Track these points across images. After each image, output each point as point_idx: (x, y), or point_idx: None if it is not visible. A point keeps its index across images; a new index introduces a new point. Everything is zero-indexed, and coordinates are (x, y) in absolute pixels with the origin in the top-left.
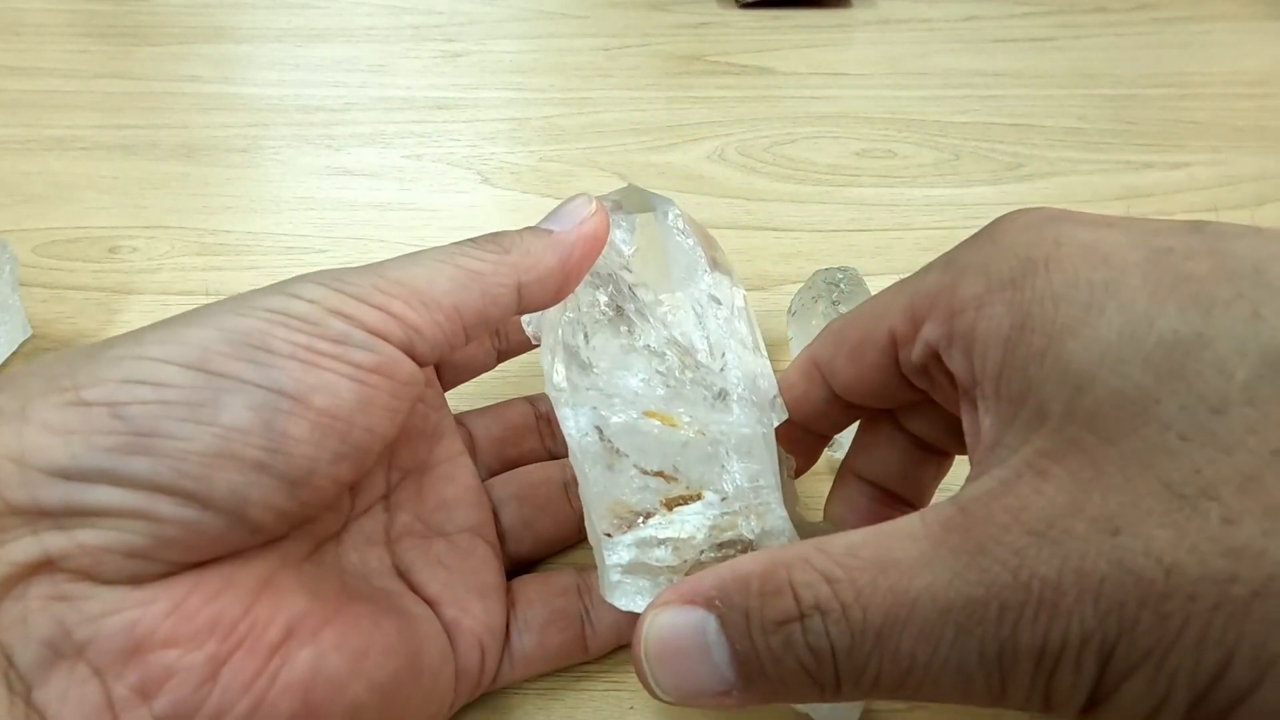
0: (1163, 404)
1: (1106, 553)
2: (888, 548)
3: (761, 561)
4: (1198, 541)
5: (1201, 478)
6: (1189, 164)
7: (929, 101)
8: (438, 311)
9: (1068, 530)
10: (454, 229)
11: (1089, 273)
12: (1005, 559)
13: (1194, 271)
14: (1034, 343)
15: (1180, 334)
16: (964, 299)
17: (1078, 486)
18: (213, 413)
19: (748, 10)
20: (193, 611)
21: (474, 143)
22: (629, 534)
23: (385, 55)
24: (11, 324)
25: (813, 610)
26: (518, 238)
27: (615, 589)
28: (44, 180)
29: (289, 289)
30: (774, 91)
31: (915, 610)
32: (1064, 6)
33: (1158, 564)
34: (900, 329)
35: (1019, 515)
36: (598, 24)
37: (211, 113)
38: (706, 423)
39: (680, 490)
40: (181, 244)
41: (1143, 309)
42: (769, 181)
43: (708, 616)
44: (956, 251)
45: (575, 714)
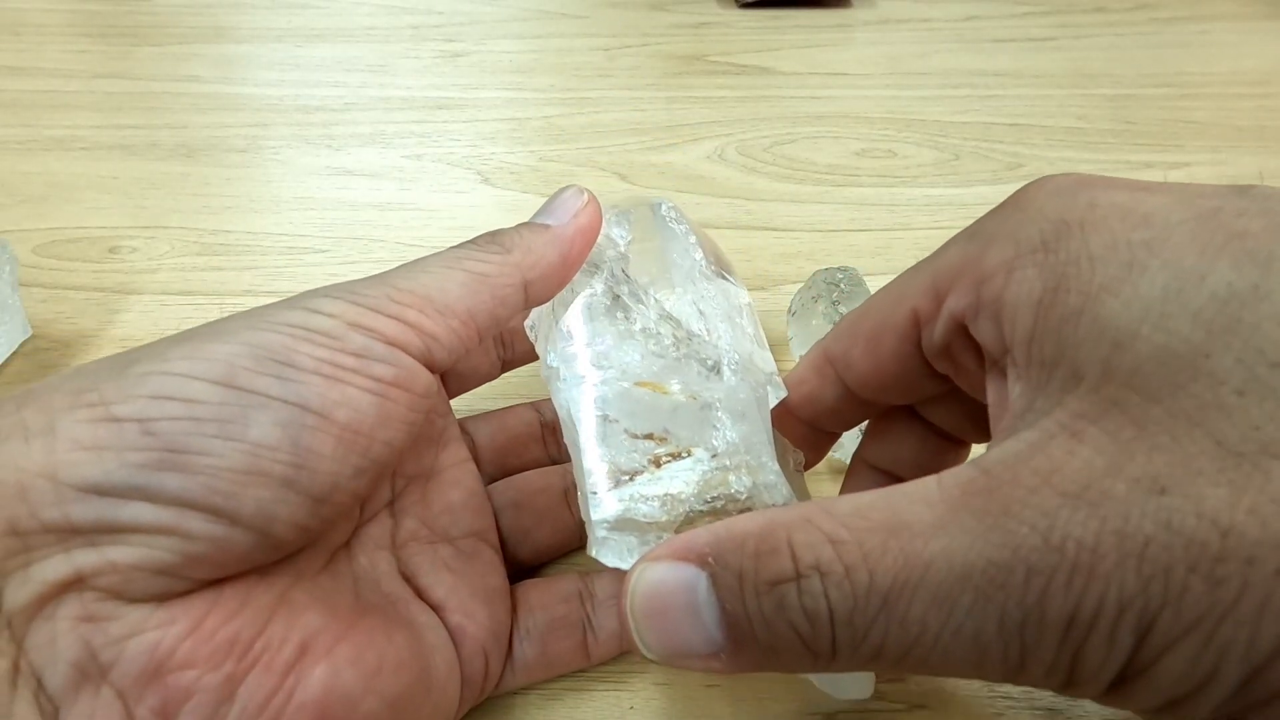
0: (1215, 359)
1: (1152, 513)
2: (900, 509)
3: (760, 521)
4: (1258, 501)
5: (1262, 434)
6: (1189, 164)
7: (929, 101)
8: (452, 317)
9: (1106, 492)
10: (454, 229)
11: (1129, 233)
12: (1035, 521)
13: (1247, 228)
14: (1069, 302)
15: (1235, 287)
16: (992, 265)
17: (1118, 447)
18: (242, 429)
19: (748, 10)
20: (211, 632)
21: (474, 143)
22: (615, 490)
23: (385, 55)
24: (11, 324)
25: (811, 570)
26: (517, 236)
27: (602, 545)
28: (44, 180)
29: (306, 304)
30: (774, 91)
31: (929, 574)
32: (1064, 6)
33: (1212, 525)
34: (923, 307)
35: (1050, 478)
36: (598, 24)
37: (211, 113)
38: (699, 390)
39: (668, 449)
40: (181, 244)
41: (1191, 265)
42: (769, 181)
43: (699, 574)
44: (980, 223)
45: (575, 714)
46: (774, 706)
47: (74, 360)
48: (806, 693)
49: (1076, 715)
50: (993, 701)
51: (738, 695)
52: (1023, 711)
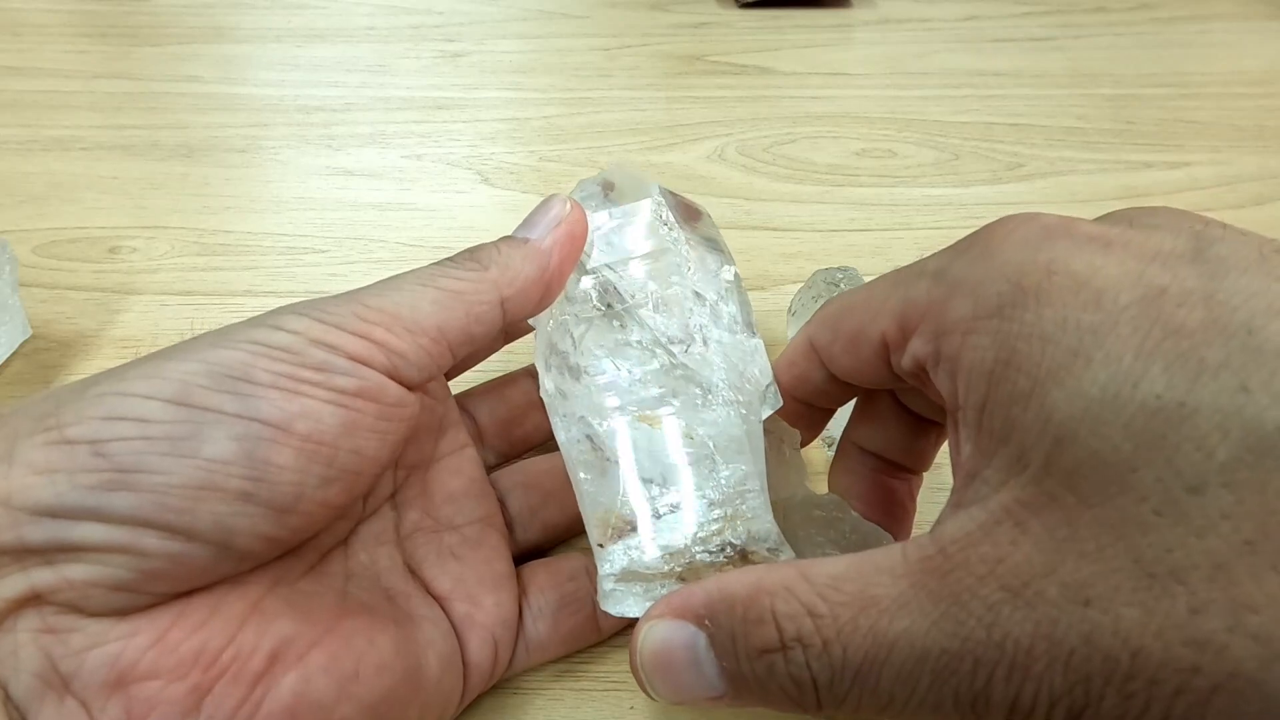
0: (1140, 474)
1: (1077, 624)
2: (869, 584)
3: (748, 585)
4: (1164, 627)
5: (1172, 558)
6: (1189, 164)
7: (929, 101)
8: (421, 335)
9: (1041, 593)
10: (454, 229)
11: (1078, 313)
12: (980, 614)
13: (1184, 323)
14: (1018, 382)
15: (1163, 400)
16: (952, 321)
17: (1053, 546)
18: (194, 445)
19: (748, 10)
20: (175, 643)
21: (474, 143)
22: (620, 543)
23: (385, 55)
24: (11, 324)
25: (794, 642)
26: (495, 251)
27: (609, 597)
28: (44, 180)
29: (271, 321)
30: (774, 91)
31: (893, 653)
32: (1064, 6)
33: (1124, 644)
34: (891, 335)
35: (995, 568)
36: (598, 24)
37: (211, 113)
38: (694, 424)
39: (669, 498)
40: (181, 244)
41: (1128, 366)
42: (769, 181)
43: (698, 633)
44: (949, 259)
45: (576, 714)
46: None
47: (74, 360)
48: None
49: None
50: None
51: None
52: None
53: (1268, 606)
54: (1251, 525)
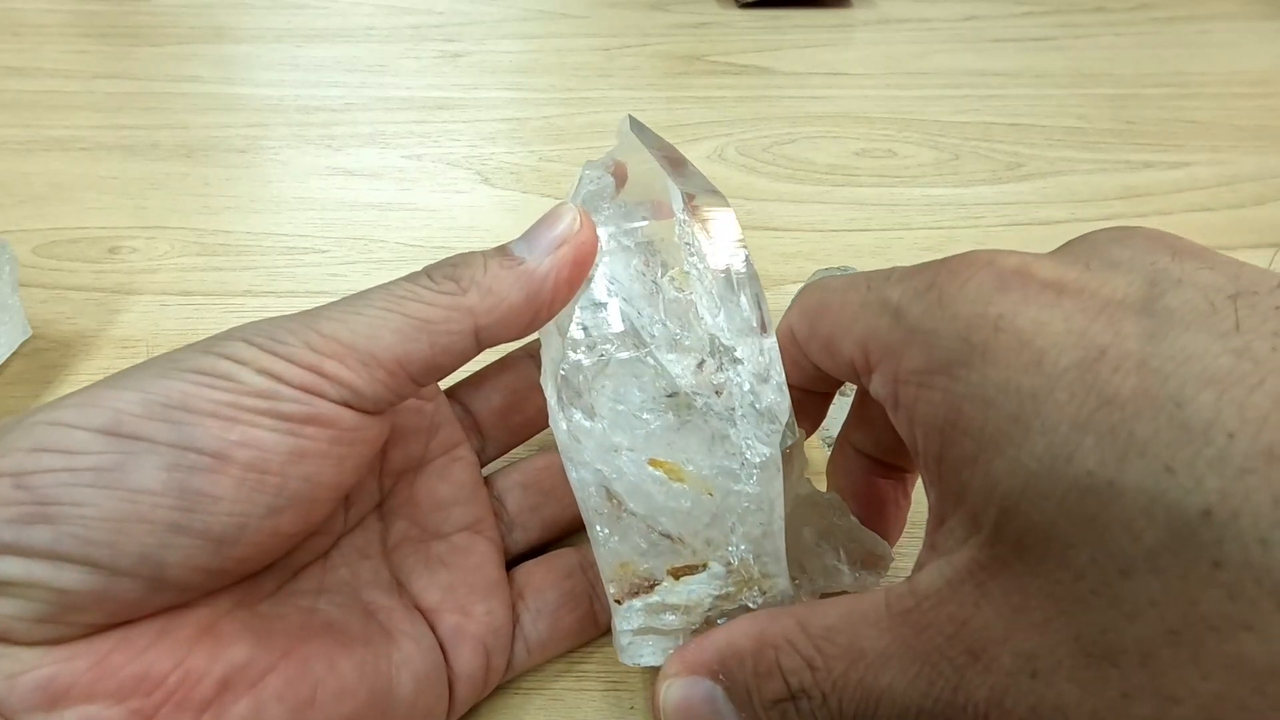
0: (1076, 551)
1: (1025, 695)
2: (857, 636)
3: (753, 639)
4: (1097, 708)
5: (1106, 640)
6: (1189, 164)
7: (929, 101)
8: (378, 369)
9: (996, 659)
10: (454, 229)
11: (1019, 375)
12: (948, 675)
13: (1118, 392)
14: (965, 446)
15: (1095, 478)
16: (906, 371)
17: (1008, 614)
18: (119, 477)
19: (748, 10)
20: (115, 667)
21: (474, 143)
22: (638, 600)
23: (385, 55)
24: (11, 324)
25: (800, 693)
26: (480, 270)
27: (626, 650)
28: (44, 180)
29: (217, 349)
30: (774, 91)
31: (880, 707)
32: (1064, 6)
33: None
34: (858, 362)
35: (960, 629)
36: (598, 24)
37: (211, 113)
38: (712, 474)
39: (686, 559)
40: (181, 244)
41: (1063, 437)
42: (769, 181)
43: (714, 687)
44: (910, 296)
45: (576, 714)
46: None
47: (74, 360)
48: None
49: None
50: None
51: None
52: None
53: (1189, 699)
54: (1175, 614)
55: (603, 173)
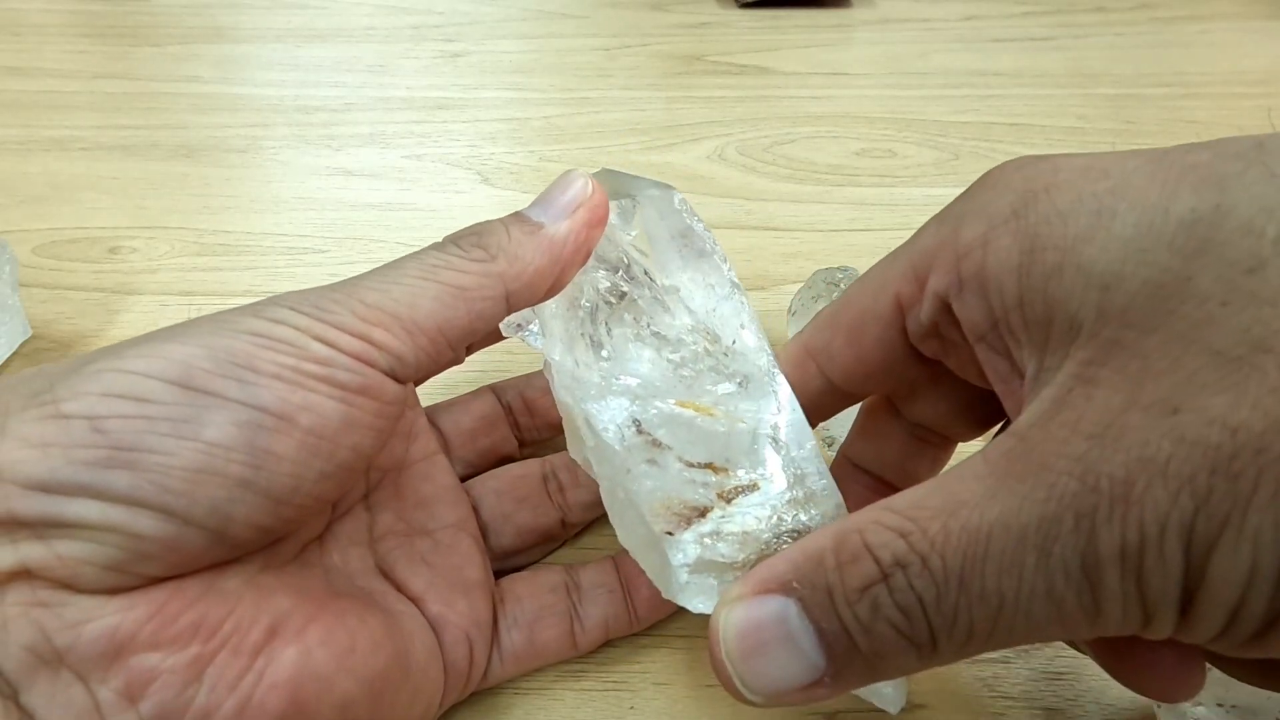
0: (1196, 280)
1: (1168, 433)
2: (954, 492)
3: (831, 534)
4: (1259, 396)
5: (1251, 335)
6: None
7: (929, 101)
8: (420, 336)
9: (1126, 425)
10: (454, 229)
11: (1091, 185)
12: (1070, 469)
13: (1198, 159)
14: (1048, 260)
15: (1199, 211)
16: (967, 241)
17: (1129, 382)
18: (196, 429)
19: (748, 10)
20: (173, 616)
21: (474, 143)
22: (690, 530)
23: (385, 55)
24: (11, 324)
25: (894, 568)
26: (505, 238)
27: (684, 590)
28: (44, 180)
29: (269, 314)
30: (774, 91)
31: (991, 544)
32: (1064, 6)
33: (1223, 427)
34: (905, 291)
35: (1077, 426)
36: (598, 24)
37: (211, 113)
38: (742, 412)
39: (735, 482)
40: (181, 244)
41: (1155, 200)
42: (769, 181)
43: (787, 603)
44: (950, 206)
45: (576, 714)
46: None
47: None
48: None
49: (1077, 715)
50: (994, 701)
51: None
52: (1023, 711)
53: None
54: None
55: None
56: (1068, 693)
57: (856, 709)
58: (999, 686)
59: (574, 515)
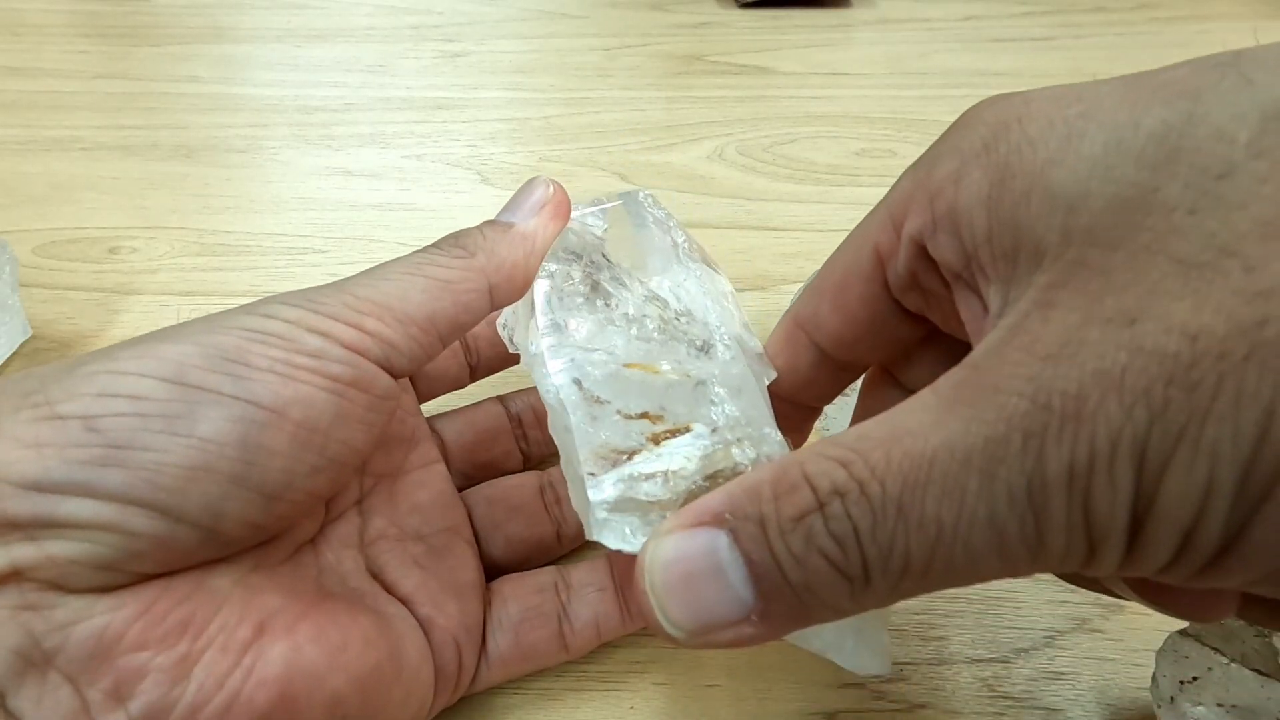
0: (1164, 190)
1: (1125, 344)
2: (899, 421)
3: (771, 468)
4: (1222, 299)
5: (1218, 240)
6: None
7: (929, 101)
8: (412, 325)
9: (1083, 341)
10: (453, 229)
11: (1063, 110)
12: (1021, 389)
13: (1174, 75)
14: (1016, 188)
15: (1170, 122)
16: (939, 179)
17: (1088, 299)
18: (189, 425)
19: (748, 10)
20: (162, 614)
21: (474, 143)
22: (614, 470)
23: (385, 55)
24: (11, 324)
25: (831, 496)
26: (480, 237)
27: (602, 527)
28: (44, 180)
29: (261, 309)
30: (774, 91)
31: (934, 468)
32: (1064, 6)
33: (1182, 334)
34: (883, 241)
35: (1031, 348)
36: (598, 24)
37: (211, 113)
38: (691, 368)
39: (666, 426)
40: (181, 244)
41: (1126, 117)
42: (769, 181)
43: (718, 534)
44: (926, 151)
45: (576, 714)
46: (774, 706)
47: None
48: (808, 691)
49: (1077, 715)
50: (994, 701)
51: (739, 695)
52: (1023, 711)
53: None
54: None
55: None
56: (1068, 692)
57: (857, 709)
58: (999, 686)
59: (570, 528)
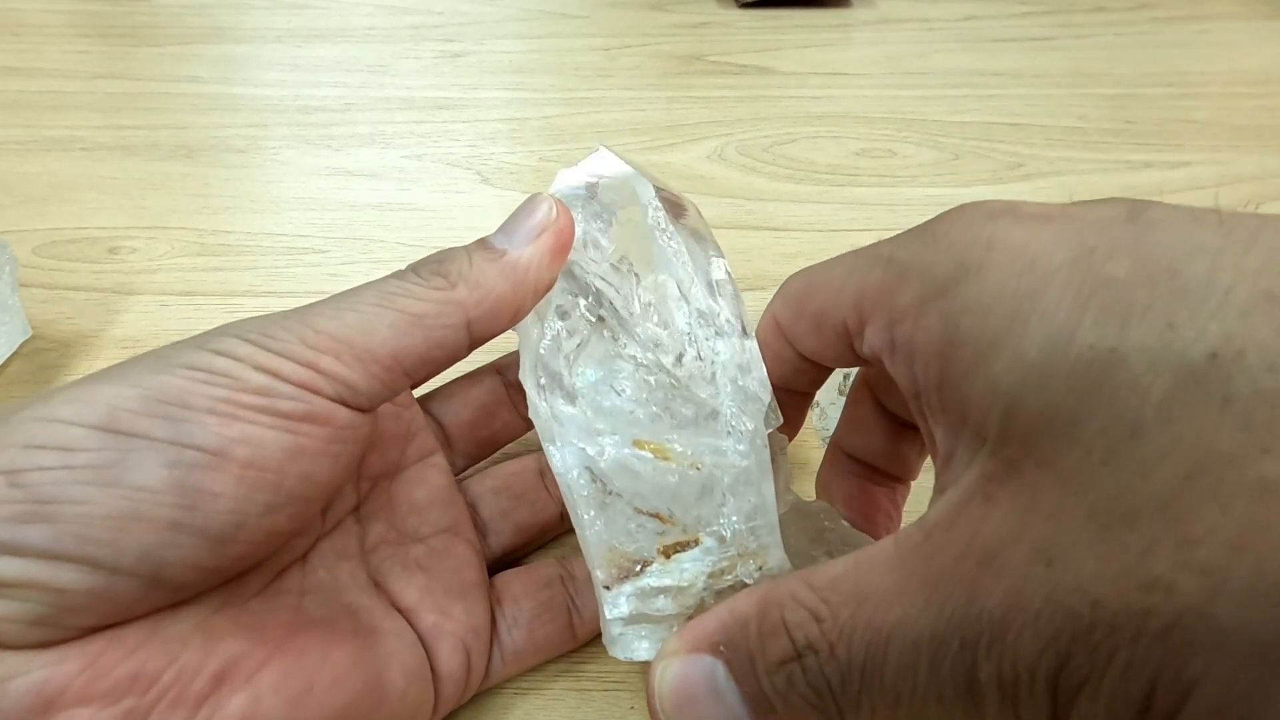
0: (1084, 425)
1: (1041, 585)
2: (865, 580)
3: (756, 602)
4: (1118, 574)
5: (1121, 504)
6: (1189, 163)
7: (929, 101)
8: (373, 364)
9: (1008, 561)
10: (454, 229)
11: (1015, 279)
12: (960, 591)
13: (1113, 274)
14: (964, 358)
15: (1097, 349)
16: (902, 308)
17: (1018, 513)
18: (118, 474)
19: (748, 10)
20: (108, 668)
21: (474, 143)
22: (628, 584)
23: (385, 55)
24: (11, 325)
25: (807, 650)
26: (465, 265)
27: (617, 642)
28: (44, 180)
29: (211, 344)
30: (774, 91)
31: (890, 646)
32: (1064, 6)
33: (1084, 597)
34: (851, 323)
35: (971, 543)
36: (598, 24)
37: (211, 113)
38: (699, 451)
39: (676, 536)
40: (181, 244)
41: (1063, 320)
42: (769, 181)
43: (715, 663)
44: (901, 244)
45: (576, 714)
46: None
47: (74, 360)
48: None
49: None
50: None
51: None
52: None
53: (1208, 537)
54: (1189, 458)
55: (578, 186)
56: None
57: None
58: None
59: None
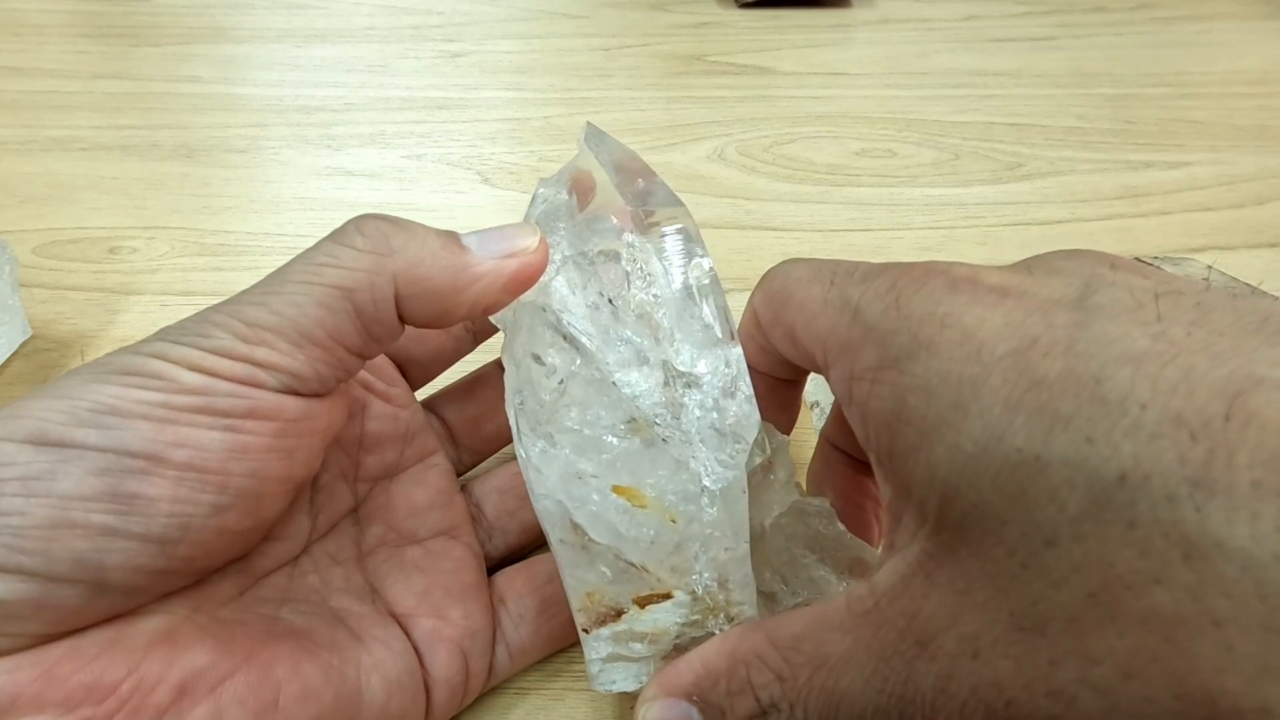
0: (1009, 527)
1: (966, 676)
2: (822, 642)
3: (726, 655)
4: (1031, 678)
5: (1036, 611)
6: (1189, 163)
7: (929, 101)
8: (311, 347)
9: (942, 647)
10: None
11: (960, 365)
12: (899, 669)
13: (1046, 374)
14: (909, 436)
15: (1023, 454)
16: (860, 369)
17: (953, 599)
18: (48, 485)
19: (747, 10)
20: (64, 676)
21: (474, 143)
22: (605, 629)
23: (385, 55)
24: (11, 325)
25: (770, 708)
26: (417, 242)
27: (597, 678)
28: (44, 180)
29: (145, 349)
30: (774, 91)
31: (840, 711)
32: (1064, 6)
33: (1000, 694)
34: (817, 358)
35: (911, 622)
36: (598, 24)
37: (211, 113)
38: (676, 503)
39: (651, 587)
40: (181, 244)
41: (996, 418)
42: (769, 181)
43: (691, 709)
44: (870, 297)
45: (576, 714)
46: None
47: (74, 360)
48: None
49: None
50: None
51: None
52: None
53: (1107, 658)
54: (1095, 577)
55: (557, 190)
56: None
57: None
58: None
59: None
